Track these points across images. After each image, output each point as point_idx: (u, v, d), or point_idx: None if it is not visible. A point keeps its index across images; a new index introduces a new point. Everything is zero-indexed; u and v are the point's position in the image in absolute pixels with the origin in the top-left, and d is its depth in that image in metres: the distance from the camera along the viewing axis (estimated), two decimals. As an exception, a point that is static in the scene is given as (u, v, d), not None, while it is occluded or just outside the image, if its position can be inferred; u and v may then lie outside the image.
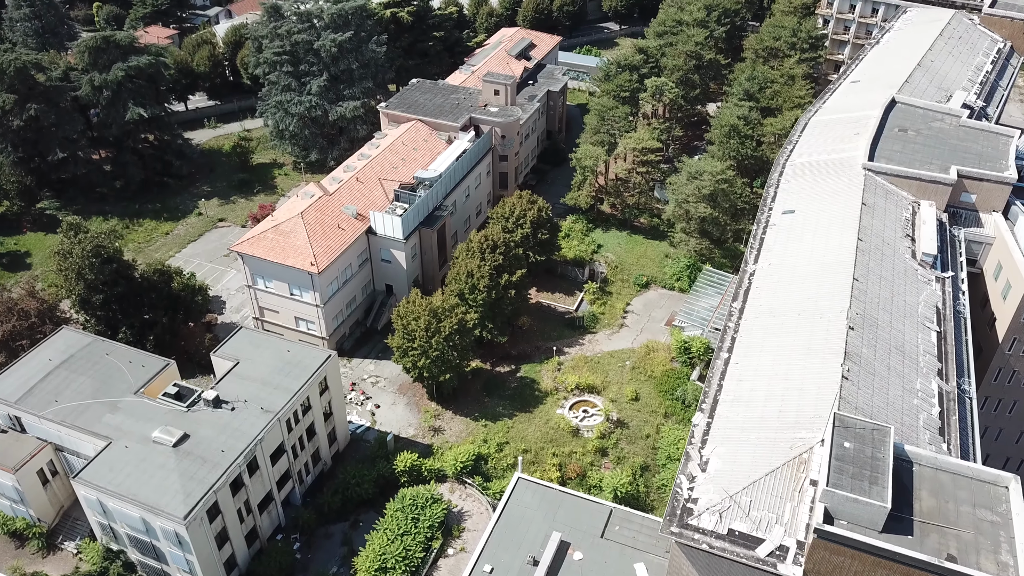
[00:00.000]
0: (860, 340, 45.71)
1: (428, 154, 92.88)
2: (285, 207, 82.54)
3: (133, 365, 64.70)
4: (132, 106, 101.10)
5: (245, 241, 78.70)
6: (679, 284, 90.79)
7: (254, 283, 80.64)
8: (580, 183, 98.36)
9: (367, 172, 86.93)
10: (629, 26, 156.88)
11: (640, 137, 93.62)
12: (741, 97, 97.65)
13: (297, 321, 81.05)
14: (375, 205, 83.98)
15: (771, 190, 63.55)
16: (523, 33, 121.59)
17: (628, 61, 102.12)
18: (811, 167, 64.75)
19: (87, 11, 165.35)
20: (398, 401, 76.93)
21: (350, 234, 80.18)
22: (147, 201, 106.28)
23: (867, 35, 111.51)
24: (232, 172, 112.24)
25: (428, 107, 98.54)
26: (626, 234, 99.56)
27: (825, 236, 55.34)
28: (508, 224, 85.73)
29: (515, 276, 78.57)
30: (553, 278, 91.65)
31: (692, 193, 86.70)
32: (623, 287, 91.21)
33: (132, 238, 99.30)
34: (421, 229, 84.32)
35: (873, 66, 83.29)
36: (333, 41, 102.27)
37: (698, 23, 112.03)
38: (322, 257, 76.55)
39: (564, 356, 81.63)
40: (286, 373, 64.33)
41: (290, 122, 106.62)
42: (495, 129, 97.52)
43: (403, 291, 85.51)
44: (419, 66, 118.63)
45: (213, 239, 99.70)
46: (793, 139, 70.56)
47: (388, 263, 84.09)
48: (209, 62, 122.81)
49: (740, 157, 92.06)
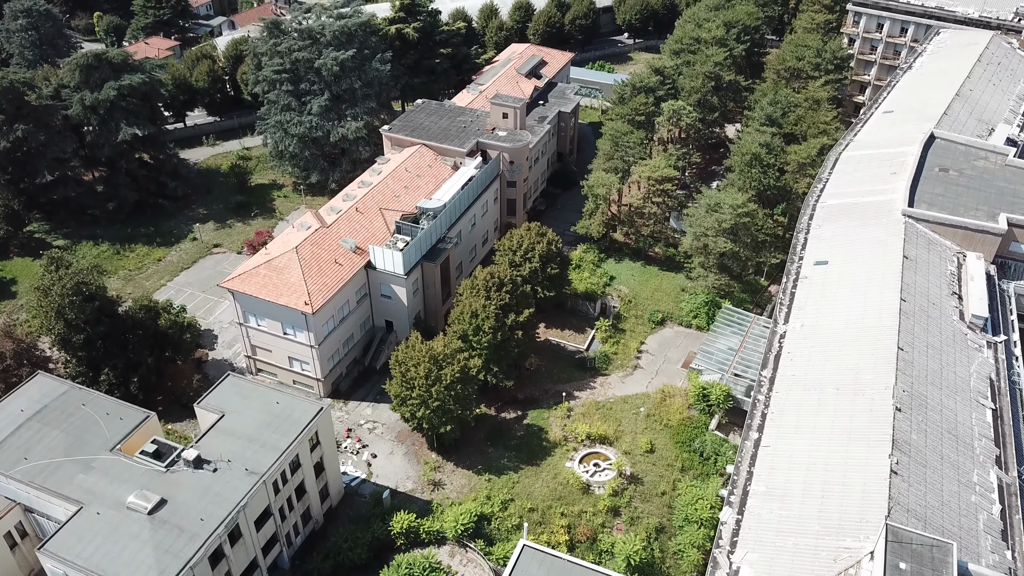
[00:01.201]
0: (908, 424, 40.64)
1: (432, 181, 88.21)
2: (279, 240, 77.94)
3: (111, 417, 60.09)
4: (124, 126, 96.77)
5: (236, 277, 74.13)
6: (696, 321, 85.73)
7: (246, 321, 76.09)
8: (592, 211, 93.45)
9: (367, 202, 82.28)
10: (644, 39, 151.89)
11: (656, 165, 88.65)
12: (763, 122, 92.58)
13: (291, 361, 76.46)
14: (375, 237, 79.32)
15: (801, 236, 58.47)
16: (534, 50, 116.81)
17: (644, 83, 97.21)
18: (845, 210, 59.66)
19: (88, 20, 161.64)
20: (396, 450, 72.14)
21: (348, 270, 75.52)
22: (140, 224, 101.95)
23: (895, 55, 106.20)
24: (230, 193, 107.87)
25: (433, 130, 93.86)
26: (640, 265, 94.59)
27: (863, 294, 50.28)
28: (515, 258, 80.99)
29: (522, 316, 73.76)
30: (563, 313, 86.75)
31: (711, 227, 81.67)
32: (637, 324, 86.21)
33: (123, 265, 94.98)
34: (423, 263, 79.58)
35: (906, 94, 78.09)
36: (335, 59, 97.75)
37: (717, 41, 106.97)
38: (317, 296, 71.91)
39: (574, 401, 76.71)
40: (274, 428, 59.65)
41: (290, 143, 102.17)
42: (503, 154, 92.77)
43: (404, 328, 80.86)
44: (425, 84, 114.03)
45: (207, 266, 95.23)
46: (823, 176, 65.48)
47: (388, 299, 79.41)
48: (208, 77, 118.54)
49: (762, 187, 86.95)
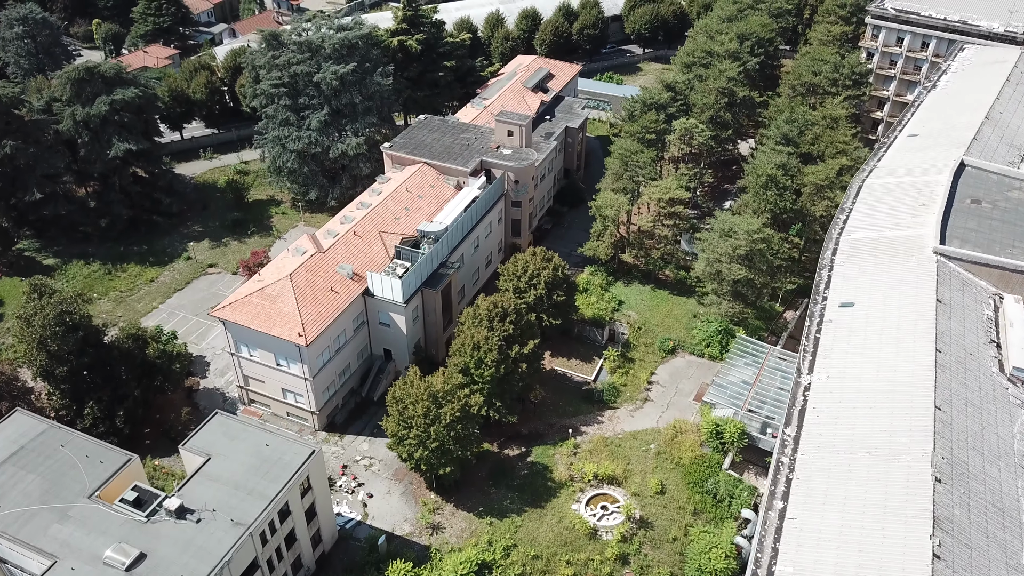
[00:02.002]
0: (950, 497, 37.01)
1: (435, 202, 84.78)
2: (274, 265, 74.56)
3: (90, 460, 56.82)
4: (117, 142, 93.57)
5: (227, 305, 70.78)
6: (709, 351, 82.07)
7: (237, 350, 72.77)
8: (600, 232, 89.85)
9: (366, 224, 78.85)
10: (653, 49, 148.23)
11: (667, 186, 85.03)
12: (778, 141, 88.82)
13: (284, 393, 73.10)
14: (374, 263, 75.92)
15: (824, 273, 54.80)
16: (540, 62, 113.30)
17: (654, 99, 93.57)
18: (871, 246, 55.98)
19: (87, 27, 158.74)
20: (393, 490, 68.67)
21: (344, 297, 72.12)
22: (133, 242, 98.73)
23: (915, 70, 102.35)
24: (226, 210, 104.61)
25: (436, 148, 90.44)
26: (650, 289, 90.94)
27: (895, 342, 46.61)
28: (520, 284, 77.54)
29: (527, 347, 70.22)
30: (569, 341, 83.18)
31: (725, 252, 78.05)
32: (647, 352, 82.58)
33: (114, 286, 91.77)
34: (424, 290, 76.15)
35: (932, 116, 74.31)
36: (335, 73, 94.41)
37: (730, 55, 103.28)
38: (311, 326, 68.52)
39: (581, 437, 73.16)
40: (263, 473, 56.27)
41: (288, 158, 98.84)
42: (508, 174, 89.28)
43: (403, 357, 77.48)
44: (428, 98, 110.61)
45: (201, 288, 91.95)
46: (846, 207, 61.77)
47: (387, 327, 76.01)
48: (206, 89, 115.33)
49: (778, 210, 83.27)
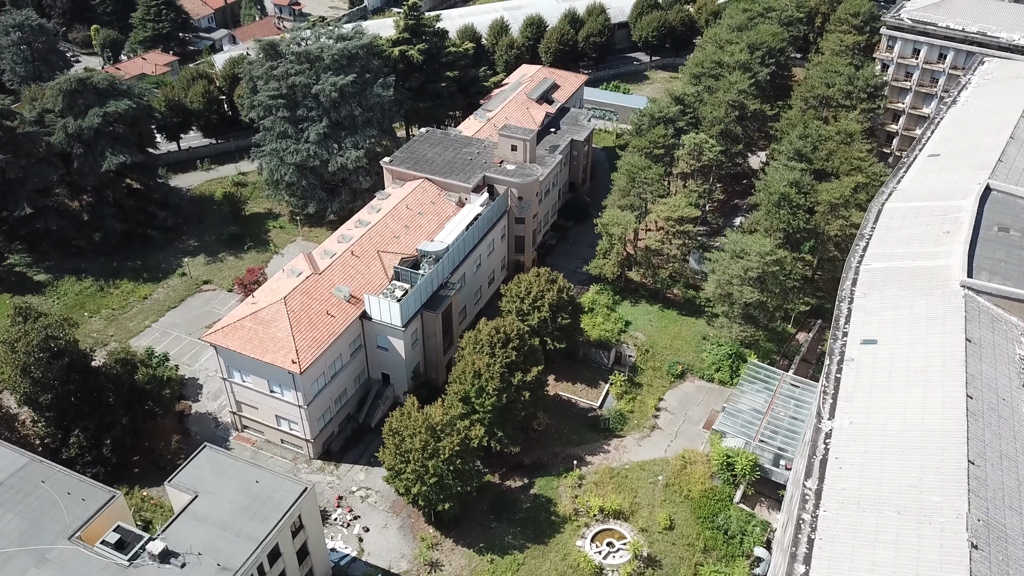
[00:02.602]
0: (988, 566, 34.16)
1: (436, 219, 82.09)
2: (268, 287, 71.92)
3: (72, 497, 54.14)
4: (110, 155, 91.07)
5: (219, 330, 68.15)
6: (719, 375, 79.23)
7: (229, 376, 70.16)
8: (606, 250, 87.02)
9: (364, 244, 76.19)
10: (661, 57, 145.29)
11: (675, 203, 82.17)
12: (791, 156, 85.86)
13: (278, 420, 70.47)
14: (372, 284, 73.24)
15: (844, 306, 51.88)
16: (545, 72, 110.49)
17: (663, 113, 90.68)
18: (893, 276, 53.07)
19: (85, 33, 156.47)
20: (390, 523, 65.93)
21: (340, 321, 69.45)
22: (127, 257, 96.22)
23: (931, 82, 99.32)
24: (223, 223, 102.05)
25: (437, 163, 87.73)
26: (658, 308, 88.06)
27: (922, 386, 43.71)
28: (523, 306, 74.77)
29: (530, 375, 67.38)
30: (574, 365, 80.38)
31: (736, 274, 75.18)
32: (655, 377, 79.73)
33: (106, 303, 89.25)
34: (424, 312, 73.42)
35: (953, 134, 71.35)
36: (334, 85, 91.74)
37: (740, 66, 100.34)
38: (306, 353, 65.85)
39: (586, 467, 70.31)
40: (252, 513, 53.59)
41: (286, 171, 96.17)
42: (511, 190, 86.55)
43: (402, 381, 74.79)
44: (430, 109, 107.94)
45: (195, 306, 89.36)
46: (865, 233, 58.83)
47: (385, 351, 73.32)
48: (204, 99, 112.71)
49: (791, 229, 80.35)
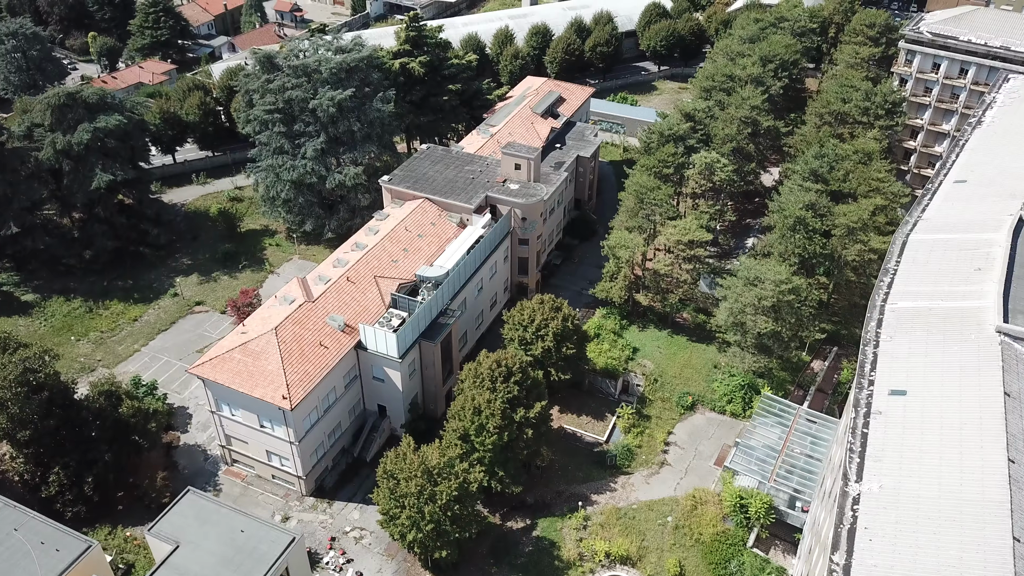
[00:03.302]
0: (1039, 665, 30.73)
1: (436, 241, 78.85)
2: (259, 315, 68.64)
3: (46, 547, 51.16)
4: (99, 172, 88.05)
5: (207, 362, 64.93)
6: (731, 407, 75.80)
7: (218, 409, 66.97)
8: (613, 273, 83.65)
9: (360, 269, 72.95)
10: (669, 67, 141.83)
11: (686, 227, 78.72)
12: (806, 176, 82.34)
13: (269, 455, 67.25)
14: (368, 312, 69.98)
15: (869, 351, 48.41)
16: (550, 85, 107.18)
17: (672, 131, 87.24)
18: (921, 318, 49.59)
19: (83, 40, 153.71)
20: (385, 568, 62.58)
21: (334, 353, 66.18)
22: (118, 276, 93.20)
23: (952, 98, 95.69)
24: (217, 240, 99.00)
25: (438, 182, 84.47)
26: (666, 334, 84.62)
27: (958, 446, 40.29)
28: (526, 335, 71.48)
29: (533, 410, 64.05)
30: (580, 395, 76.99)
31: (750, 303, 71.71)
32: (664, 408, 76.29)
33: (95, 325, 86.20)
34: (422, 342, 70.13)
35: (980, 158, 67.79)
36: (332, 100, 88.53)
37: (753, 80, 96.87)
38: (297, 387, 62.61)
39: (591, 507, 66.90)
40: (236, 566, 50.42)
41: (282, 188, 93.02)
42: (515, 210, 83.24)
43: (399, 413, 71.54)
44: (432, 123, 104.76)
45: (187, 328, 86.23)
46: (889, 268, 55.30)
47: (381, 382, 70.05)
48: (200, 111, 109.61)
49: (806, 255, 76.83)
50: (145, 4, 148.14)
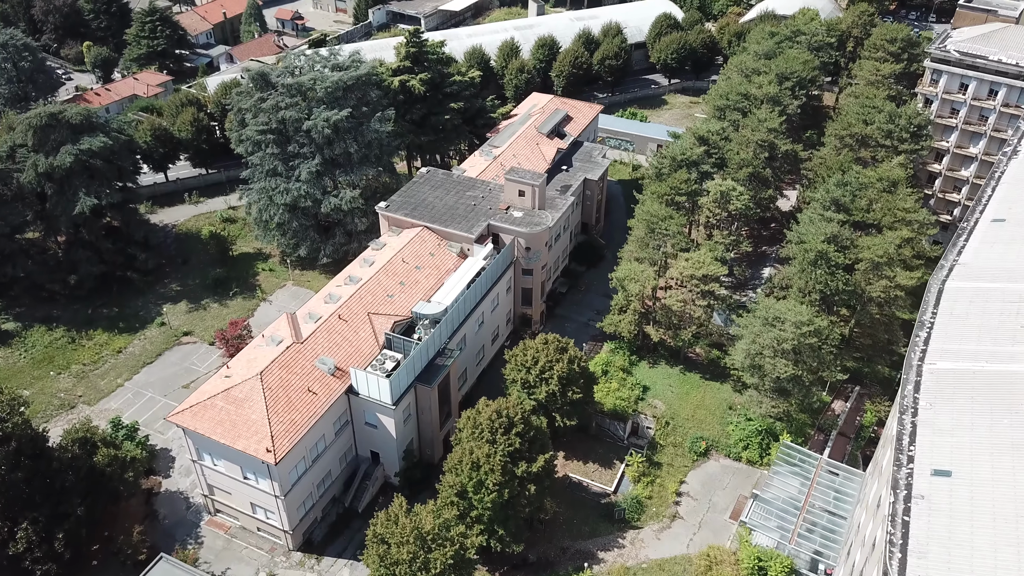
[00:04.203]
0: None
1: (434, 273, 74.48)
2: (244, 357, 64.27)
3: (3, 624, 46.99)
4: (83, 196, 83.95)
5: (187, 410, 60.63)
6: (747, 454, 71.21)
7: (200, 458, 62.72)
8: (622, 306, 79.15)
9: (353, 305, 68.58)
10: (680, 80, 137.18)
11: (699, 260, 74.13)
12: (827, 205, 77.64)
13: (254, 508, 62.95)
14: (360, 353, 65.59)
15: (907, 420, 43.75)
16: (557, 103, 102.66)
17: (685, 155, 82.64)
18: (964, 383, 44.96)
19: (78, 49, 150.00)
20: (376, 634, 58.23)
21: (323, 399, 61.83)
22: (103, 304, 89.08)
23: (980, 120, 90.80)
24: (208, 265, 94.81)
25: (438, 209, 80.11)
26: (679, 371, 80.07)
27: (1015, 545, 35.70)
28: (529, 377, 67.05)
29: (536, 464, 59.62)
30: (586, 440, 72.46)
31: (768, 345, 67.08)
32: (675, 455, 71.73)
33: (77, 357, 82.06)
34: (417, 386, 65.74)
35: (1018, 194, 63.06)
36: (327, 120, 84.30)
37: (769, 99, 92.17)
38: (283, 439, 58.28)
39: (598, 566, 62.38)
40: (209, 648, 46.15)
41: (275, 212, 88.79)
42: (518, 240, 78.82)
43: (393, 461, 67.21)
44: (433, 142, 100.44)
45: (173, 361, 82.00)
46: (925, 321, 50.62)
47: (374, 428, 65.69)
48: (192, 127, 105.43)
49: (828, 291, 72.10)
50: (142, 13, 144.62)
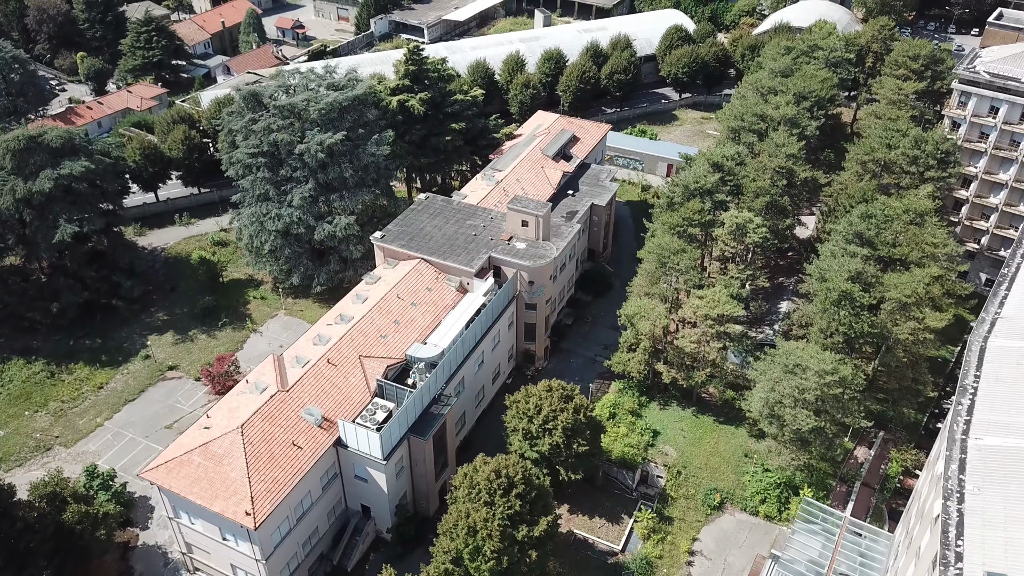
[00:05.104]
0: None
1: (432, 310, 70.01)
2: (225, 406, 59.78)
3: None
4: (64, 223, 79.83)
5: (162, 465, 56.25)
6: (765, 508, 66.52)
7: (176, 516, 58.37)
8: (631, 345, 74.56)
9: (343, 348, 64.11)
10: (692, 94, 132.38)
11: (714, 298, 69.45)
12: (850, 238, 72.77)
13: (234, 569, 58.56)
14: (350, 401, 61.15)
15: (952, 507, 39.00)
16: (563, 123, 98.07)
17: (699, 184, 77.92)
18: (1017, 463, 40.21)
19: (72, 59, 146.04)
20: None
21: (309, 454, 57.36)
22: (86, 335, 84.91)
23: (1011, 145, 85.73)
24: (197, 292, 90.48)
25: (436, 240, 75.64)
26: (691, 413, 75.40)
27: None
28: (531, 427, 62.55)
29: (538, 528, 55.03)
30: (592, 492, 67.84)
31: (789, 394, 62.38)
32: (688, 508, 67.06)
33: (56, 394, 77.89)
34: (411, 438, 61.23)
35: (1062, 236, 58.23)
36: (320, 144, 79.99)
37: (787, 121, 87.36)
38: (264, 500, 53.85)
39: (604, 637, 57.91)
40: None
41: (267, 238, 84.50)
42: (521, 273, 74.31)
43: (384, 515, 62.74)
44: (433, 164, 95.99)
45: (156, 398, 77.70)
46: (967, 386, 45.88)
47: (364, 482, 61.22)
48: (184, 145, 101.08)
49: (852, 334, 67.27)
50: (137, 23, 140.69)
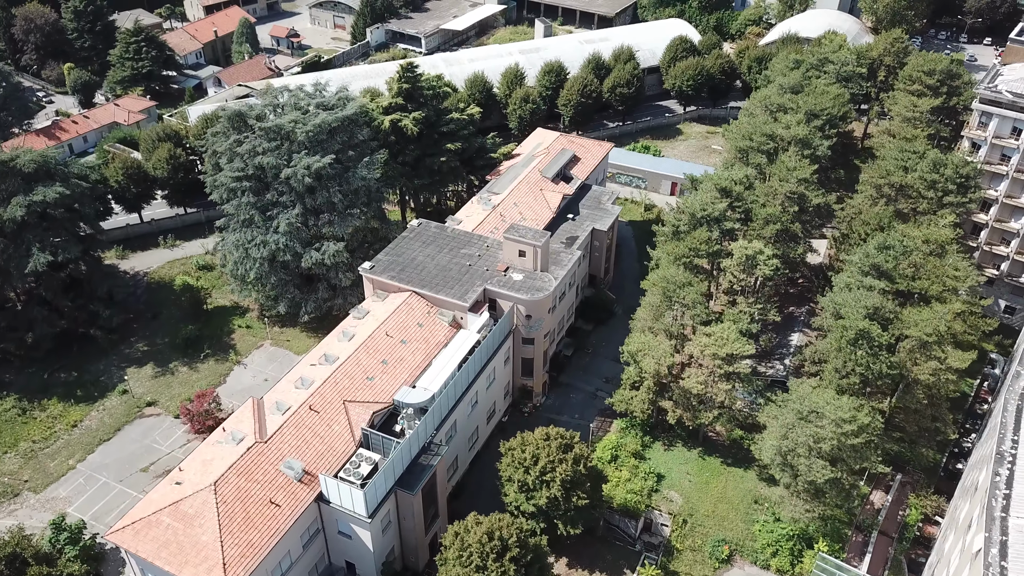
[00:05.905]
0: None
1: (423, 348, 65.89)
2: (199, 458, 55.68)
3: None
4: (37, 252, 75.89)
5: (129, 526, 52.17)
6: (776, 562, 62.28)
7: (145, 578, 54.35)
8: (634, 383, 70.45)
9: (327, 393, 60.01)
10: (697, 107, 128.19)
11: (723, 336, 65.25)
12: (866, 270, 68.59)
13: (207, 634, 54.48)
14: (333, 452, 57.03)
15: (994, 603, 34.72)
16: (563, 142, 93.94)
17: (706, 211, 73.76)
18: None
19: (59, 70, 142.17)
20: None
21: (288, 513, 53.25)
22: (61, 367, 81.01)
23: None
24: (180, 320, 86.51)
25: (428, 270, 71.53)
26: (697, 455, 71.26)
27: None
28: (527, 478, 58.40)
29: (534, 593, 51.06)
30: (592, 543, 63.68)
31: (803, 443, 58.21)
32: (695, 561, 62.86)
33: (26, 433, 73.85)
34: (398, 491, 57.10)
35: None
36: (308, 168, 75.94)
37: (798, 141, 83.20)
38: (237, 566, 49.75)
39: None
40: None
41: (252, 266, 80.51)
42: (518, 306, 70.21)
43: (370, 574, 58.52)
44: (427, 186, 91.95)
45: (133, 438, 73.64)
46: (1004, 453, 41.66)
47: (348, 538, 57.12)
48: (168, 164, 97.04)
49: (870, 375, 63.09)
50: (127, 33, 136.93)
